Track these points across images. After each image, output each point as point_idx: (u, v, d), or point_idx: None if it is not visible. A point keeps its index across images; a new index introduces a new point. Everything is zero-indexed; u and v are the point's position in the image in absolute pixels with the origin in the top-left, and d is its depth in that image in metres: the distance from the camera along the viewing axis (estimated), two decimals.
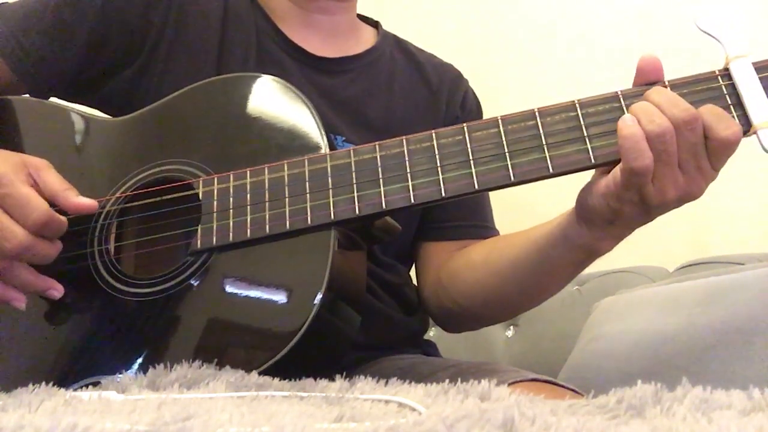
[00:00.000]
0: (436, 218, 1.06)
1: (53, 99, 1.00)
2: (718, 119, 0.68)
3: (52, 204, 0.78)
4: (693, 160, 0.69)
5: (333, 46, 1.06)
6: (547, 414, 0.47)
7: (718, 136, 0.68)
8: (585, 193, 0.75)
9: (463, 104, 1.12)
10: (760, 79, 0.70)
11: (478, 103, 1.16)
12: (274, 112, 0.85)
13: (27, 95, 0.97)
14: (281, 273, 0.77)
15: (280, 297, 0.76)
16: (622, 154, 0.68)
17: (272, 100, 0.86)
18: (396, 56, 1.12)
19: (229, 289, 0.78)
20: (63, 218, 0.78)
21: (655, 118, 0.68)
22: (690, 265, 1.39)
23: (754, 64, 0.71)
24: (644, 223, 0.74)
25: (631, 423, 0.47)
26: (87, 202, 0.80)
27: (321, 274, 0.74)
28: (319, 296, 0.73)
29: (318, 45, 1.05)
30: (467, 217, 1.06)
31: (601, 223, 0.75)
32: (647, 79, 0.73)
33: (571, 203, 0.78)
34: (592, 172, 0.76)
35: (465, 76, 1.17)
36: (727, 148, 0.68)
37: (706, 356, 0.93)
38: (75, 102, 1.01)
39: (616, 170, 0.70)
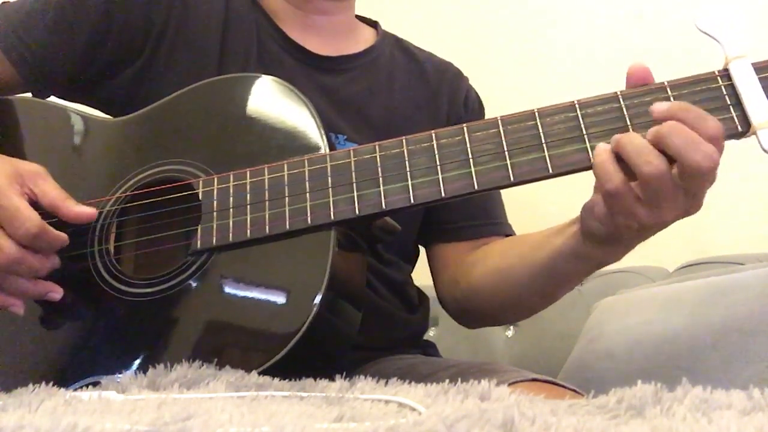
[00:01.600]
0: (450, 219, 1.06)
1: (53, 99, 1.00)
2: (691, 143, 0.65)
3: (53, 215, 0.78)
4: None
5: (332, 45, 1.07)
6: (547, 414, 0.47)
7: (688, 162, 0.65)
8: (586, 213, 0.75)
9: (465, 103, 1.12)
10: (759, 79, 0.70)
11: (480, 101, 1.16)
12: (274, 113, 0.85)
13: (27, 95, 0.97)
14: (281, 273, 0.77)
15: (280, 297, 0.76)
16: (596, 179, 0.69)
17: (272, 100, 0.86)
18: (396, 55, 1.12)
19: (228, 289, 0.78)
20: (57, 232, 0.77)
21: (653, 159, 0.66)
22: (690, 265, 1.39)
23: (753, 64, 0.71)
24: (649, 237, 0.74)
25: (631, 423, 0.47)
26: (87, 211, 0.80)
27: (321, 274, 0.74)
28: (319, 296, 0.73)
29: (318, 45, 1.05)
30: (480, 216, 1.06)
31: (607, 241, 0.75)
32: (636, 85, 0.73)
33: (571, 203, 0.78)
34: (591, 172, 0.75)
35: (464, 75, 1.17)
36: (700, 174, 0.66)
37: (706, 356, 0.92)
38: (75, 102, 1.01)
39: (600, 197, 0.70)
